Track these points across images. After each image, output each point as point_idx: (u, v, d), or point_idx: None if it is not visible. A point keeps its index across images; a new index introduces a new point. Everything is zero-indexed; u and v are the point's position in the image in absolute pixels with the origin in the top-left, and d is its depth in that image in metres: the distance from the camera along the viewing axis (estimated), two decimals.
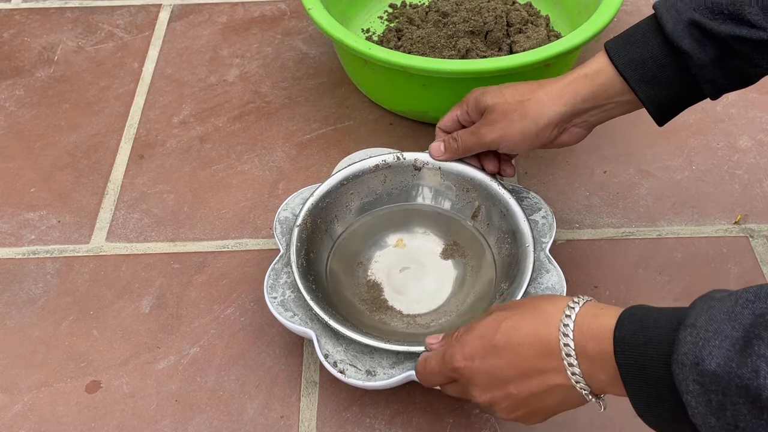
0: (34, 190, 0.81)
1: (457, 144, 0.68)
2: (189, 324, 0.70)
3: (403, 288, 0.69)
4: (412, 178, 0.72)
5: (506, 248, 0.67)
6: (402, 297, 0.68)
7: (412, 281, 0.69)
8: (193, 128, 0.87)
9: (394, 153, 0.71)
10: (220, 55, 0.96)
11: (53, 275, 0.74)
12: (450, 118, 0.69)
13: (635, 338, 0.44)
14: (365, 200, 0.71)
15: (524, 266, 0.63)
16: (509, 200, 0.68)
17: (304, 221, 0.66)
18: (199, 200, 0.80)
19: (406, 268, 0.70)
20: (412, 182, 0.72)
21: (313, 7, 0.79)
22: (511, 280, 0.64)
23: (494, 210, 0.69)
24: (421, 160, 0.71)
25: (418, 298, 0.68)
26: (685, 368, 0.41)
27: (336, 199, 0.69)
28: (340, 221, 0.70)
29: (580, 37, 0.75)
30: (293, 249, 0.64)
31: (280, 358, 0.67)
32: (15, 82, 0.93)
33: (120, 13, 1.02)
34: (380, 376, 0.59)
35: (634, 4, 1.01)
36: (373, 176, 0.71)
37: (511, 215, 0.67)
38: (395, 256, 0.71)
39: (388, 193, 0.72)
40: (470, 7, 0.88)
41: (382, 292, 0.68)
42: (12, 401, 0.65)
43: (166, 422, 0.63)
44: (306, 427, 0.63)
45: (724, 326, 0.40)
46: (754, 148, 0.83)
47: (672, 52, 0.58)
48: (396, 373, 0.59)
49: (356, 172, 0.70)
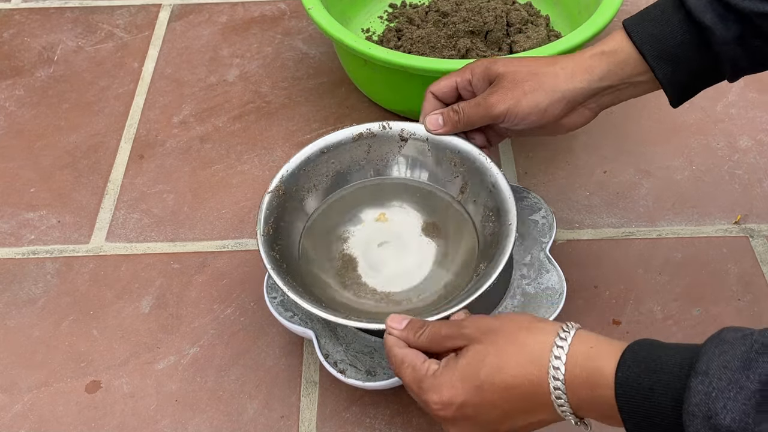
0: (34, 190, 0.81)
1: (458, 117, 0.64)
2: (189, 324, 0.70)
3: (380, 264, 0.65)
4: (398, 150, 0.68)
5: (490, 226, 0.64)
6: (377, 274, 0.64)
7: (391, 258, 0.65)
8: (193, 128, 0.87)
9: (379, 122, 0.68)
10: (220, 55, 0.96)
11: (53, 275, 0.74)
12: (447, 84, 0.64)
13: (640, 382, 0.41)
14: (346, 171, 0.68)
15: (504, 245, 0.60)
16: (497, 175, 0.64)
17: (277, 188, 0.64)
18: (199, 200, 0.80)
19: (385, 243, 0.66)
20: (397, 153, 0.68)
21: (313, 7, 0.79)
22: (488, 260, 0.60)
23: (482, 186, 0.65)
24: (408, 130, 0.67)
25: (395, 275, 0.64)
26: (696, 420, 0.38)
27: (315, 167, 0.66)
28: (318, 191, 0.67)
29: (580, 37, 0.75)
30: (262, 216, 0.62)
31: (280, 358, 0.67)
32: (15, 82, 0.93)
33: (120, 13, 1.02)
34: (380, 376, 0.59)
35: (634, 4, 1.01)
36: (356, 145, 0.68)
37: (497, 191, 0.63)
38: (375, 230, 0.67)
39: (370, 164, 0.68)
40: (470, 7, 0.88)
41: (357, 268, 0.65)
42: (12, 401, 0.65)
43: (166, 422, 0.63)
44: (306, 427, 0.63)
45: (739, 376, 0.37)
46: (754, 148, 0.83)
47: (693, 29, 0.56)
48: None
49: (338, 140, 0.67)
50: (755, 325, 0.68)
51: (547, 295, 0.63)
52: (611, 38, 0.60)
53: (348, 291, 0.63)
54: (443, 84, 0.65)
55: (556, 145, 0.84)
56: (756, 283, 0.71)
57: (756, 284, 0.71)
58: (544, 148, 0.83)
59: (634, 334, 0.68)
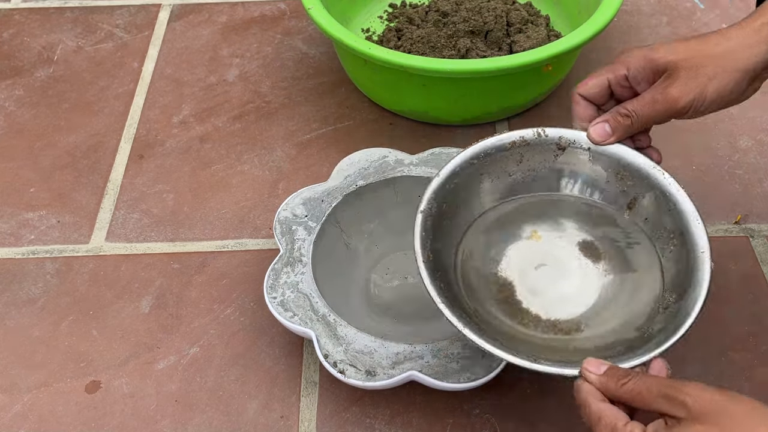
0: (34, 190, 0.81)
1: (631, 120, 0.56)
2: (189, 324, 0.70)
3: (539, 289, 0.58)
4: (553, 159, 0.61)
5: (672, 251, 0.57)
6: (538, 300, 0.58)
7: (550, 282, 0.59)
8: (192, 128, 0.87)
9: (534, 129, 0.60)
10: (220, 55, 0.96)
11: (53, 275, 0.74)
12: (597, 84, 0.57)
13: None
14: (497, 183, 0.61)
15: (699, 278, 0.53)
16: (677, 192, 0.57)
17: (429, 206, 0.57)
18: (199, 200, 0.80)
19: (543, 266, 0.60)
20: (553, 164, 0.61)
21: (313, 7, 0.79)
22: (680, 293, 0.54)
23: (656, 204, 0.58)
24: (566, 138, 0.60)
25: (557, 301, 0.58)
26: None
27: (464, 180, 0.60)
28: (466, 207, 0.60)
29: (580, 37, 0.75)
30: (418, 240, 0.55)
31: (280, 358, 0.67)
32: (15, 82, 0.93)
33: (120, 13, 1.02)
34: (380, 376, 0.59)
35: (634, 4, 1.01)
36: (508, 154, 0.60)
37: (678, 212, 0.56)
38: (530, 251, 0.61)
39: (524, 176, 0.61)
40: (470, 7, 0.88)
41: (516, 293, 0.58)
42: (12, 401, 0.65)
43: (166, 422, 0.63)
44: (306, 427, 0.63)
45: None
46: (754, 148, 0.83)
47: None
48: (396, 373, 0.59)
49: (488, 148, 0.60)
50: (755, 325, 0.68)
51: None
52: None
53: (511, 320, 0.57)
54: (592, 84, 0.57)
55: None
56: (756, 283, 0.71)
57: (756, 284, 0.71)
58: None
59: None
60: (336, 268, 0.69)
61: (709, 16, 0.98)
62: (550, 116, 0.87)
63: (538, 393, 0.64)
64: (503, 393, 0.64)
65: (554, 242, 0.61)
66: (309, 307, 0.62)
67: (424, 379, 0.58)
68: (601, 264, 0.59)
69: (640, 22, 0.98)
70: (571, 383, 0.49)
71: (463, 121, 0.85)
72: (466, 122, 0.85)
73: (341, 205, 0.70)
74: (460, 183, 0.59)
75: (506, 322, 0.57)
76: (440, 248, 0.57)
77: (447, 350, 0.60)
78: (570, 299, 0.58)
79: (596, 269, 0.59)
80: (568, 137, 0.60)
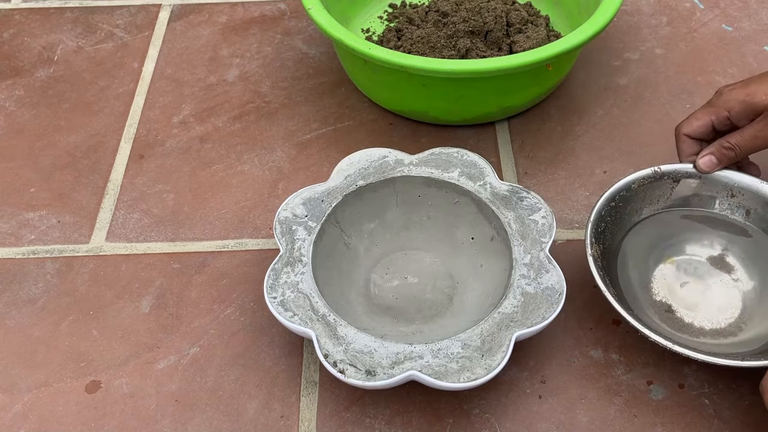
0: (34, 190, 0.81)
1: (734, 153, 0.66)
2: (189, 324, 0.70)
3: (694, 304, 0.67)
4: (670, 192, 0.70)
5: None
6: (696, 314, 0.66)
7: (699, 296, 0.67)
8: (193, 128, 0.87)
9: (651, 168, 0.70)
10: (220, 55, 0.96)
11: (53, 275, 0.74)
12: (703, 125, 0.67)
13: None
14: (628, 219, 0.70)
15: None
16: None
17: (594, 249, 0.65)
18: (199, 200, 0.80)
19: (686, 283, 0.68)
20: (671, 197, 0.70)
21: (313, 7, 0.79)
22: None
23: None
24: (680, 171, 0.70)
25: (714, 312, 0.66)
26: None
27: (605, 220, 0.68)
28: (610, 243, 0.68)
29: (580, 37, 0.75)
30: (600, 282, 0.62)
31: (280, 358, 0.67)
32: (15, 82, 0.93)
33: (120, 13, 1.02)
34: (380, 376, 0.59)
35: (634, 4, 1.01)
36: (633, 194, 0.70)
37: None
38: (669, 270, 0.69)
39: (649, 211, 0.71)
40: (470, 7, 0.88)
41: (675, 312, 0.66)
42: (12, 401, 0.65)
43: (166, 422, 0.63)
44: (306, 427, 0.63)
45: None
46: None
47: None
48: (396, 372, 0.59)
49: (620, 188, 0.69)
50: None
51: (547, 295, 0.63)
52: None
53: (683, 333, 0.65)
54: (697, 125, 0.68)
55: (557, 145, 0.84)
56: None
57: None
58: (544, 148, 0.83)
59: (633, 334, 0.68)
60: (336, 268, 0.69)
61: (708, 16, 0.99)
62: (550, 116, 0.87)
63: (538, 393, 0.64)
64: (503, 393, 0.64)
65: (687, 259, 0.70)
66: (309, 307, 0.62)
67: (424, 379, 0.58)
68: (732, 272, 0.68)
69: (640, 22, 0.98)
70: None
71: (463, 121, 0.85)
72: (466, 122, 0.85)
73: (341, 205, 0.70)
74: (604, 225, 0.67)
75: (682, 336, 0.64)
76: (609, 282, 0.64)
77: (447, 350, 0.60)
78: (722, 309, 0.66)
79: (731, 277, 0.68)
80: (681, 170, 0.69)
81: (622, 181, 0.69)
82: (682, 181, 0.70)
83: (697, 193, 0.70)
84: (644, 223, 0.70)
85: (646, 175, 0.70)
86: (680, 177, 0.70)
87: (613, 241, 0.68)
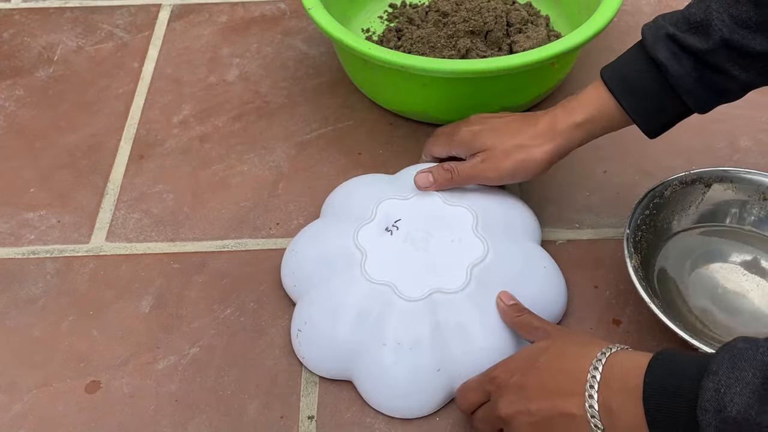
0: (34, 190, 0.81)
1: (451, 175, 0.69)
2: (189, 324, 0.70)
3: (732, 309, 0.67)
4: (701, 197, 0.71)
5: None
6: (737, 318, 0.67)
7: (737, 300, 0.68)
8: (192, 128, 0.87)
9: (682, 173, 0.71)
10: (220, 54, 0.96)
11: (53, 275, 0.74)
12: (444, 152, 0.73)
13: (665, 386, 0.45)
14: (662, 226, 0.71)
15: None
16: None
17: (634, 261, 0.65)
18: (199, 200, 0.80)
19: (724, 289, 0.69)
20: (702, 201, 0.71)
21: (313, 7, 0.79)
22: None
23: None
24: (712, 175, 0.71)
25: (753, 315, 0.67)
26: (708, 414, 0.42)
27: (641, 229, 0.69)
28: (646, 253, 0.69)
29: (580, 37, 0.75)
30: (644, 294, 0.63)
31: (280, 358, 0.67)
32: (15, 82, 0.93)
33: (120, 13, 1.02)
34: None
35: (634, 4, 1.01)
36: (666, 201, 0.70)
37: None
38: (705, 279, 0.69)
39: (679, 215, 0.72)
40: (470, 7, 0.87)
41: (716, 317, 0.67)
42: (12, 401, 0.65)
43: (166, 422, 0.63)
44: (306, 427, 0.63)
45: (746, 374, 0.41)
46: (755, 148, 0.83)
47: (653, 65, 0.61)
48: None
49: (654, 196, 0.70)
50: None
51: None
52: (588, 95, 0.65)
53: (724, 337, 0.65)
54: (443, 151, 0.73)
55: None
56: None
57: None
58: None
59: (634, 334, 0.68)
60: None
61: None
62: None
63: None
64: None
65: (718, 268, 0.70)
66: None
67: None
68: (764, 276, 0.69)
69: (640, 22, 0.97)
70: None
71: None
72: None
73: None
74: (638, 234, 0.68)
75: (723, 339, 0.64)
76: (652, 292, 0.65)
77: None
78: (759, 312, 0.67)
79: (763, 280, 0.69)
80: (712, 175, 0.71)
81: (655, 187, 0.70)
82: (713, 185, 0.71)
83: (729, 199, 0.71)
84: (679, 237, 0.71)
85: (679, 180, 0.71)
86: (712, 182, 0.71)
87: (649, 251, 0.69)
